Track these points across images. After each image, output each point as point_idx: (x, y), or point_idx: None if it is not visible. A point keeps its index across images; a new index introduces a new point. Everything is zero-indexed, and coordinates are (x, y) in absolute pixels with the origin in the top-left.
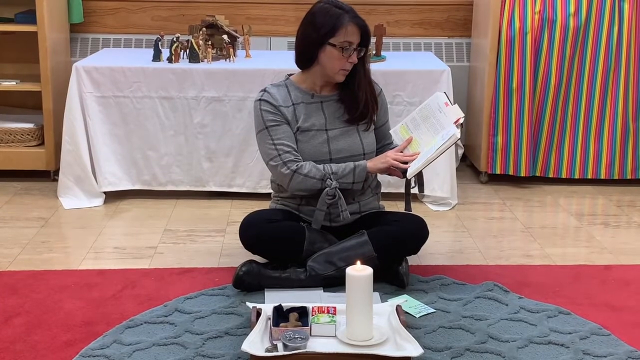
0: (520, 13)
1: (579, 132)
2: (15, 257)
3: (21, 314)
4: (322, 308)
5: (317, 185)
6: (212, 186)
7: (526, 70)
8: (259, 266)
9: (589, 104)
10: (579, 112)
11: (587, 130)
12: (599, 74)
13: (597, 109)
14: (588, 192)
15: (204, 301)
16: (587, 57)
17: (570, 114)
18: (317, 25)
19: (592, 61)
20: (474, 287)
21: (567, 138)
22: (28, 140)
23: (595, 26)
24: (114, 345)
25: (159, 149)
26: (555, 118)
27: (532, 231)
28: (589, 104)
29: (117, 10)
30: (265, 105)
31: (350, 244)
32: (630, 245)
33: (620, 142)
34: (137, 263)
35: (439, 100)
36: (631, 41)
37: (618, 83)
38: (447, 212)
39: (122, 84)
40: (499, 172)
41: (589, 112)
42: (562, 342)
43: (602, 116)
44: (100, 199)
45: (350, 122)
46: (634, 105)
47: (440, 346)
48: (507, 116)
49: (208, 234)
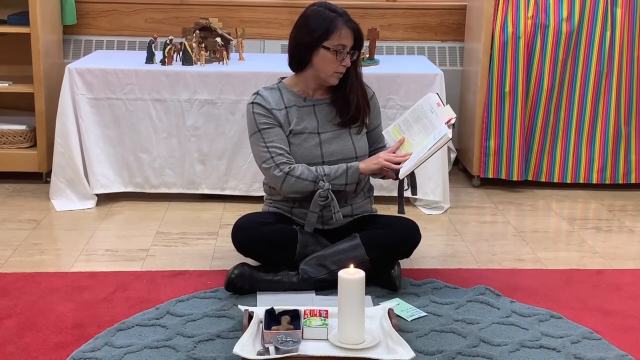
0: (513, 18)
1: (571, 136)
2: (6, 259)
3: (12, 316)
4: (314, 311)
5: (309, 187)
6: (204, 189)
7: (519, 74)
8: (251, 269)
9: (581, 109)
10: (571, 117)
11: (579, 134)
12: (591, 79)
13: (589, 114)
14: (580, 197)
15: (196, 304)
16: (580, 61)
17: (562, 119)
18: (311, 28)
19: (584, 66)
20: (466, 291)
21: (559, 142)
22: (20, 142)
23: (588, 31)
24: (105, 348)
25: (152, 152)
26: (547, 122)
27: (524, 235)
28: (581, 108)
29: (110, 12)
30: (257, 108)
31: (343, 247)
32: (621, 249)
33: (612, 146)
34: (129, 265)
35: (431, 101)
36: (623, 46)
37: (610, 88)
38: (439, 216)
39: (115, 86)
40: (491, 176)
41: (581, 116)
42: (554, 346)
43: (594, 121)
44: (92, 201)
45: (342, 125)
46: (626, 109)
47: (431, 350)
48: (499, 120)
49: (200, 237)
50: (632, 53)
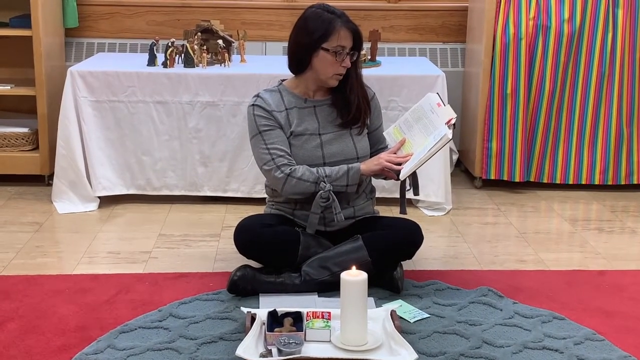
0: (515, 19)
1: (573, 137)
2: (9, 262)
3: (15, 318)
4: (317, 313)
5: (310, 188)
6: (206, 191)
7: (520, 75)
8: (253, 271)
9: (583, 110)
10: (573, 118)
11: (581, 135)
12: (593, 80)
13: (591, 115)
14: (582, 198)
15: (199, 306)
16: (581, 63)
17: (564, 120)
18: (310, 30)
19: (586, 67)
20: (469, 292)
21: (561, 143)
22: (22, 145)
23: (590, 32)
24: (107, 350)
25: (154, 154)
26: (549, 123)
27: (526, 236)
28: (583, 109)
29: (112, 15)
30: (258, 110)
31: (345, 248)
32: (623, 250)
33: (614, 147)
34: (131, 268)
35: (431, 101)
36: (625, 47)
37: (612, 89)
38: (441, 217)
39: (117, 88)
40: (493, 178)
41: (583, 117)
42: (556, 348)
43: (596, 122)
44: (94, 204)
45: (343, 126)
46: (628, 110)
47: (434, 351)
48: (501, 121)
49: (202, 239)
50: (633, 54)
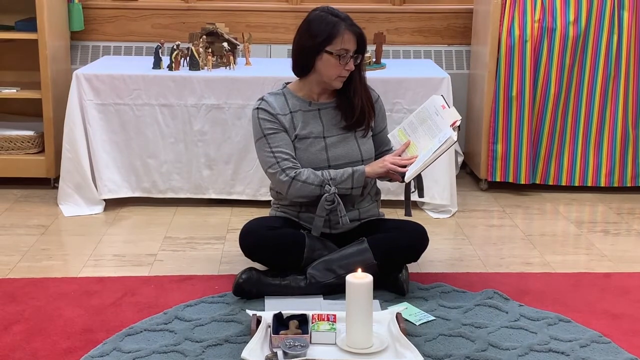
0: (520, 21)
1: (579, 139)
2: (15, 265)
3: (21, 321)
4: (322, 316)
5: (315, 191)
6: (211, 193)
7: (526, 78)
8: (258, 274)
9: (588, 112)
10: (578, 120)
11: (587, 137)
12: (599, 82)
13: (597, 117)
14: (588, 200)
15: (204, 309)
16: (587, 65)
17: (570, 122)
18: (314, 33)
19: (591, 69)
20: (474, 295)
21: (566, 146)
22: (28, 148)
23: (595, 34)
24: (113, 353)
25: (159, 157)
26: (555, 125)
27: (531, 239)
28: (589, 111)
29: (117, 18)
30: (262, 113)
31: (350, 251)
32: (630, 252)
33: (620, 149)
34: (136, 270)
35: (436, 103)
36: (630, 49)
37: (618, 91)
38: (446, 220)
39: (122, 91)
40: (498, 180)
41: (588, 119)
42: (562, 350)
43: (602, 124)
44: (100, 207)
45: (347, 129)
46: (634, 112)
47: (440, 354)
48: (506, 124)
49: (208, 242)
50: (639, 56)
